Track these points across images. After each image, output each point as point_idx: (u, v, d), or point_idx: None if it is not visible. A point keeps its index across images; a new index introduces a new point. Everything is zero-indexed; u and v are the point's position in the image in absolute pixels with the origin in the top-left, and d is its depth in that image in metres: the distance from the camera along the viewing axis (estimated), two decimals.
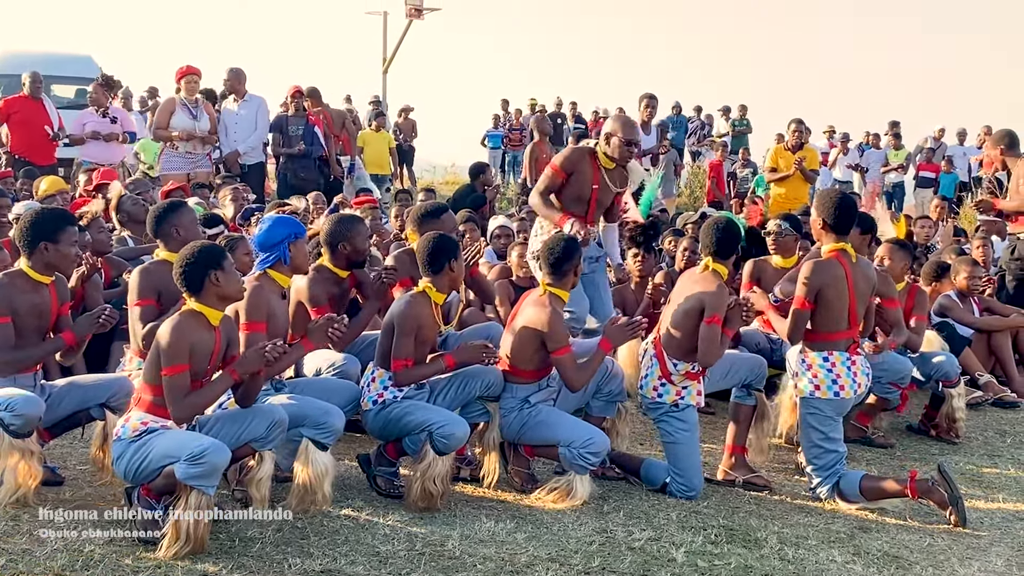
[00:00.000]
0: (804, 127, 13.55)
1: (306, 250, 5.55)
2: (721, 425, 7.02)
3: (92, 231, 7.29)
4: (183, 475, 4.36)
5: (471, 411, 5.65)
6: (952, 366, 7.08)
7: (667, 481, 5.68)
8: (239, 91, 12.47)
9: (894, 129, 21.11)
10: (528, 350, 5.57)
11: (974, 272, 8.59)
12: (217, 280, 4.65)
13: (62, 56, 18.90)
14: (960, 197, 18.53)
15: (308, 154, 13.36)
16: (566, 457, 5.41)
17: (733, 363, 6.02)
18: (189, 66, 12.02)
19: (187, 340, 4.56)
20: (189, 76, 11.95)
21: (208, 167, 12.08)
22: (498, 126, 23.73)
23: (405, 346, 5.36)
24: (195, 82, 12.04)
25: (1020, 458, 6.77)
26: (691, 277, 5.87)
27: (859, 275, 5.66)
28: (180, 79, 11.99)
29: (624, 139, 6.71)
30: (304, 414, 5.01)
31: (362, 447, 5.93)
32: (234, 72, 12.50)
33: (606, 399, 5.91)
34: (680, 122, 22.70)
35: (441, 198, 13.93)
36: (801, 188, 13.18)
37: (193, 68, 12.01)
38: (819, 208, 5.74)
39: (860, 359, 5.70)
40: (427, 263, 5.52)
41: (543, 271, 5.68)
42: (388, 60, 27.51)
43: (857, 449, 6.63)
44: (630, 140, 6.77)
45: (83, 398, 5.20)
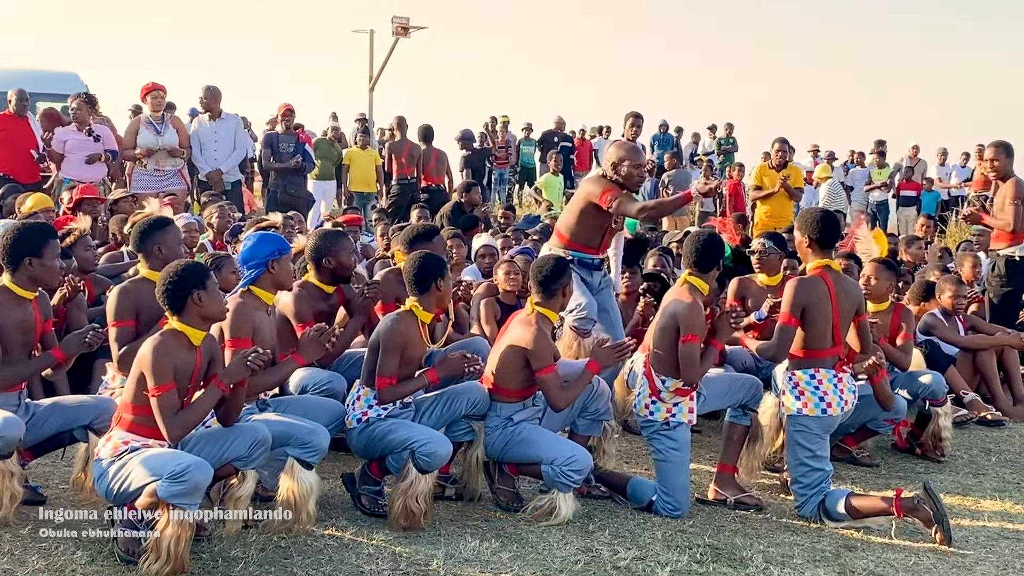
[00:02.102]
0: (788, 146, 13.60)
1: (290, 267, 5.54)
2: (708, 443, 7.02)
3: (77, 250, 7.25)
4: (165, 493, 4.32)
5: (456, 430, 5.64)
6: (939, 385, 7.09)
7: (653, 499, 5.67)
8: (215, 110, 12.45)
9: (879, 147, 21.21)
10: (513, 368, 5.56)
11: (958, 291, 8.61)
12: (200, 300, 4.63)
13: (47, 73, 18.82)
14: (943, 216, 18.61)
15: (301, 169, 13.42)
16: (549, 475, 5.40)
17: (732, 383, 6.02)
18: (154, 83, 12.01)
19: (170, 359, 4.53)
20: (154, 92, 11.94)
21: (181, 185, 12.02)
22: (483, 144, 23.73)
23: (389, 364, 5.35)
24: (160, 98, 12.00)
25: (1005, 476, 6.77)
26: (671, 292, 5.90)
27: (843, 292, 5.67)
28: (145, 95, 11.99)
29: (634, 163, 6.73)
30: (289, 433, 4.99)
31: (347, 466, 5.90)
32: (210, 91, 12.47)
33: (592, 418, 5.91)
34: (667, 140, 22.75)
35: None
36: (786, 206, 13.22)
37: (158, 84, 12.01)
38: (802, 226, 5.75)
39: (847, 376, 5.71)
40: (414, 282, 5.52)
41: (532, 290, 5.69)
42: (374, 78, 27.49)
43: (842, 467, 6.62)
44: (639, 164, 6.80)
45: (67, 419, 5.17)
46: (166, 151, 11.77)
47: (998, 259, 9.22)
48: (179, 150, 11.94)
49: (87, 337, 5.15)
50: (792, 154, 14.12)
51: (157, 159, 11.74)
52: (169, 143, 11.82)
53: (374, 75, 27.51)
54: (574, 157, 22.52)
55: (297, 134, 14.04)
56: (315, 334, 5.21)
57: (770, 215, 13.01)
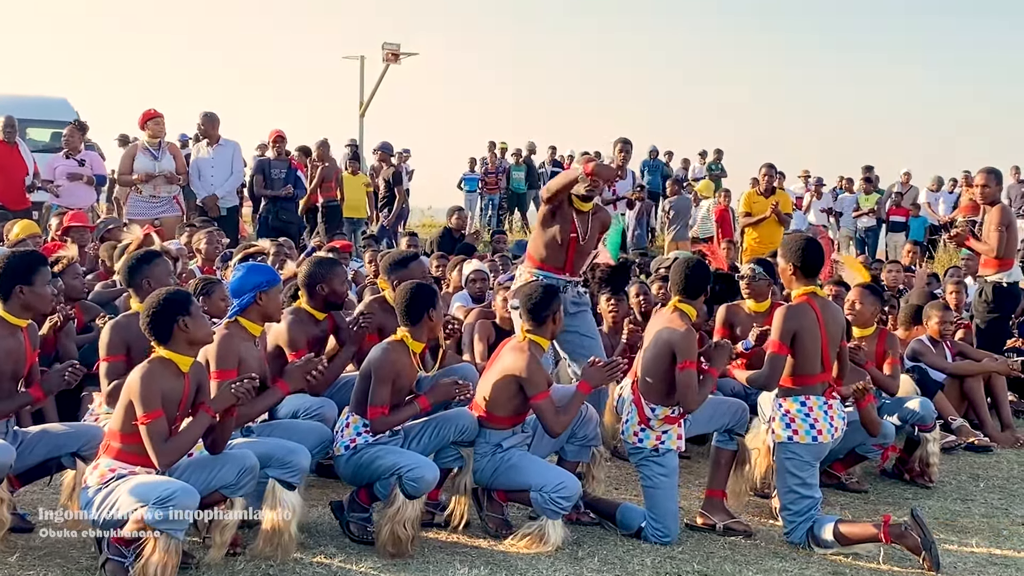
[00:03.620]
0: (775, 171, 13.68)
1: (279, 299, 5.52)
2: (696, 469, 7.02)
3: (66, 277, 7.23)
4: (152, 519, 4.31)
5: (445, 456, 5.63)
6: (928, 411, 7.10)
7: (642, 526, 5.67)
8: (212, 136, 12.48)
9: (866, 173, 21.30)
10: (505, 395, 5.56)
11: (945, 317, 8.64)
12: (186, 326, 4.63)
13: (37, 99, 18.83)
14: (932, 241, 18.68)
15: (293, 197, 13.45)
16: (538, 502, 5.39)
17: (716, 407, 6.01)
18: (153, 110, 12.01)
19: (158, 386, 4.53)
20: (154, 119, 11.94)
21: (176, 211, 12.01)
22: (474, 169, 23.79)
23: (381, 394, 5.35)
24: (159, 125, 12.00)
25: (993, 502, 6.78)
26: (659, 318, 5.88)
27: (830, 318, 5.69)
28: (144, 122, 11.98)
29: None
30: (269, 454, 4.98)
31: (335, 493, 5.89)
32: (208, 116, 12.52)
33: (580, 443, 5.91)
34: (656, 166, 22.82)
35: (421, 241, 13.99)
36: (775, 232, 13.26)
37: (156, 112, 12.01)
38: (786, 254, 5.75)
39: (836, 403, 5.71)
40: (405, 313, 5.53)
41: (522, 318, 5.69)
42: (365, 104, 27.59)
43: (831, 494, 6.63)
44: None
45: (54, 446, 5.15)
46: (164, 177, 11.76)
47: (985, 285, 9.26)
48: (176, 176, 11.94)
49: (66, 375, 5.16)
50: (781, 180, 14.19)
51: (155, 185, 11.73)
52: (166, 169, 11.81)
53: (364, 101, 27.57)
54: None
55: (289, 160, 14.07)
56: (303, 364, 5.20)
57: (759, 241, 13.06)
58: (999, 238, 8.98)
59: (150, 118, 11.93)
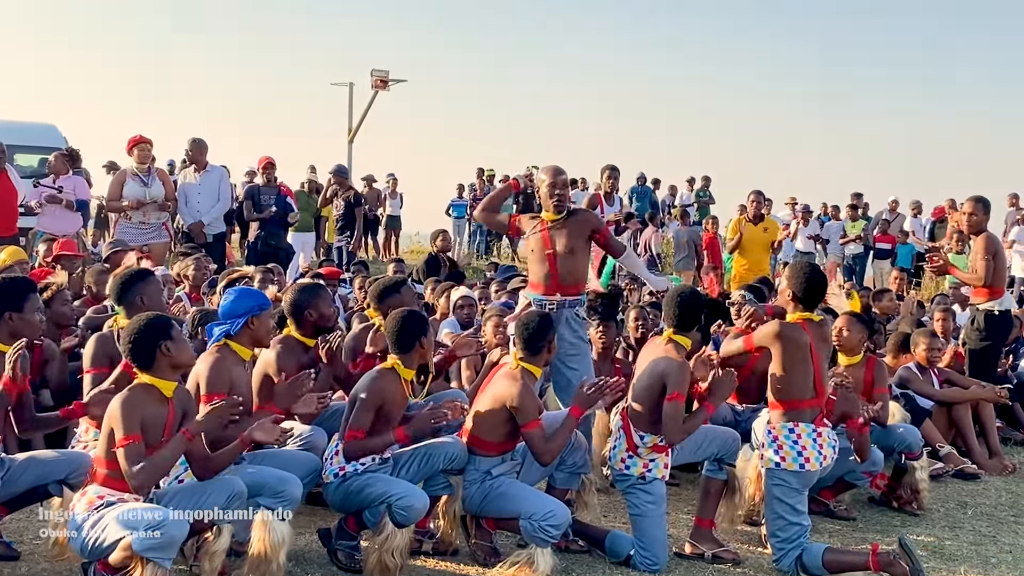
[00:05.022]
0: (764, 198, 13.73)
1: (270, 324, 5.52)
2: (685, 497, 7.02)
3: (54, 304, 7.21)
4: (139, 547, 4.28)
5: (434, 484, 5.62)
6: (915, 438, 7.12)
7: (631, 554, 5.65)
8: (200, 162, 12.43)
9: (854, 200, 21.41)
10: (495, 423, 5.56)
11: (933, 344, 8.67)
12: (168, 350, 4.63)
13: (26, 125, 18.79)
14: (919, 267, 18.76)
15: (283, 221, 13.47)
16: (527, 530, 5.37)
17: (706, 436, 6.00)
18: (140, 135, 11.98)
19: (138, 413, 4.51)
20: (141, 145, 11.89)
21: (165, 238, 11.97)
22: (462, 196, 23.85)
23: (362, 419, 5.34)
24: (147, 151, 11.92)
25: (981, 529, 6.79)
26: (653, 349, 5.88)
27: (821, 344, 5.71)
28: (132, 148, 11.94)
29: (549, 182, 6.67)
30: (261, 483, 4.96)
31: (323, 521, 5.87)
32: (196, 142, 12.48)
33: (570, 471, 5.90)
34: (644, 192, 22.85)
35: (409, 267, 14.01)
36: (763, 259, 13.33)
37: (144, 137, 11.97)
38: (790, 279, 5.78)
39: (826, 431, 5.71)
40: (396, 341, 5.52)
41: (517, 346, 5.69)
42: (354, 130, 27.67)
43: (819, 521, 6.63)
44: (553, 182, 6.67)
45: (42, 473, 5.12)
46: (154, 204, 11.73)
47: (977, 313, 9.28)
48: (167, 203, 11.91)
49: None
50: (769, 206, 14.24)
51: (144, 211, 11.69)
52: (156, 195, 11.77)
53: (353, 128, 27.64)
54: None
55: (279, 187, 14.09)
56: (290, 383, 5.19)
57: (747, 267, 13.10)
58: (986, 266, 9.01)
59: (136, 144, 11.89)
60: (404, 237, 24.69)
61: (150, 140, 12.04)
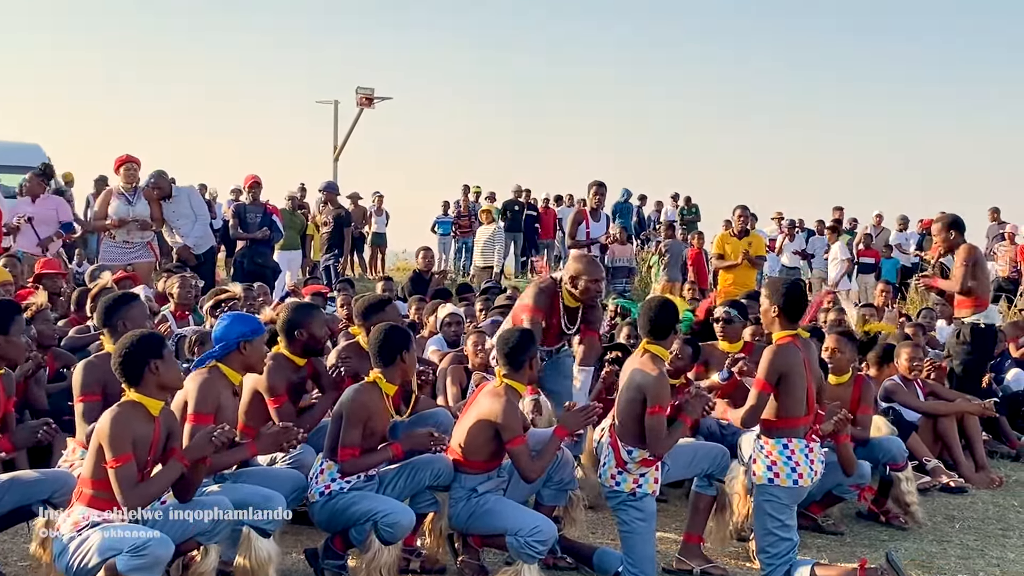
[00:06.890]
0: (749, 213, 13.77)
1: (263, 350, 5.47)
2: (674, 512, 7.01)
3: (37, 324, 7.19)
4: (125, 567, 4.26)
5: (420, 501, 5.60)
6: (898, 448, 7.11)
7: (620, 570, 5.64)
8: (164, 189, 12.22)
9: (837, 215, 21.49)
10: (481, 441, 5.54)
11: (914, 355, 8.66)
12: (156, 369, 4.61)
13: (9, 145, 18.70)
14: (905, 282, 18.81)
15: (269, 240, 13.46)
16: (513, 546, 5.35)
17: (696, 452, 6.00)
18: (127, 155, 11.93)
19: (129, 430, 4.49)
20: (127, 164, 11.85)
21: (149, 257, 11.92)
22: (447, 212, 23.84)
23: (352, 436, 5.32)
24: (133, 170, 11.87)
25: (968, 543, 6.79)
26: (632, 360, 5.85)
27: (812, 360, 5.70)
28: (119, 167, 11.91)
29: (591, 278, 6.90)
30: (246, 501, 4.94)
31: (310, 540, 5.84)
32: (156, 174, 12.28)
33: (557, 487, 5.89)
34: (629, 209, 22.90)
35: (397, 284, 14.00)
36: (749, 274, 13.36)
37: (132, 157, 11.93)
38: (770, 295, 5.72)
39: (817, 446, 5.69)
40: (378, 355, 5.51)
41: (499, 363, 5.68)
42: (339, 148, 27.70)
43: (808, 536, 6.62)
44: (596, 279, 6.95)
45: (25, 494, 5.09)
46: (138, 223, 11.68)
47: (963, 327, 9.30)
48: (150, 223, 11.86)
49: (39, 433, 5.13)
50: (754, 221, 14.28)
51: (128, 230, 11.65)
52: (141, 214, 11.73)
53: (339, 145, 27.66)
54: (538, 225, 22.71)
55: (264, 205, 14.08)
56: (278, 432, 5.15)
57: (733, 283, 13.12)
58: (964, 272, 9.06)
59: (124, 163, 11.86)
60: (390, 254, 24.67)
61: (138, 160, 12.01)
